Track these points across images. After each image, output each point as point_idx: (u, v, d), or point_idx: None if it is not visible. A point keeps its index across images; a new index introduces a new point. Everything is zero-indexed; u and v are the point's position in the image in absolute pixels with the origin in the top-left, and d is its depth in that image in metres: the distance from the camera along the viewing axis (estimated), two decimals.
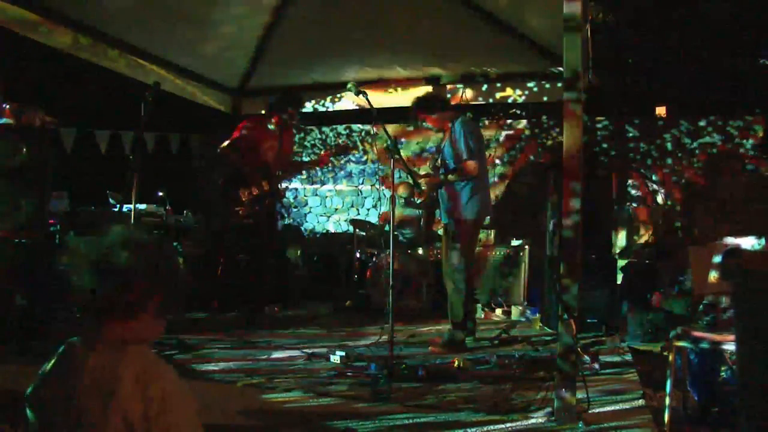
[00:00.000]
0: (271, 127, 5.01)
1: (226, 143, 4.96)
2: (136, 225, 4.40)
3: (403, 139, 7.54)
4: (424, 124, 4.58)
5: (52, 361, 1.40)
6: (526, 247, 5.99)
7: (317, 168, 7.76)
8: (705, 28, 8.04)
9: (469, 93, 6.30)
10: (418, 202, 5.13)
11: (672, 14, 8.19)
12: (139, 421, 1.27)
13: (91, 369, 1.31)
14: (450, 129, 4.40)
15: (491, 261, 6.03)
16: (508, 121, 7.50)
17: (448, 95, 6.21)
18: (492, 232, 6.47)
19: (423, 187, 4.38)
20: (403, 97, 6.23)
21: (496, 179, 7.30)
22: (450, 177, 4.33)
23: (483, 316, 5.62)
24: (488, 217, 4.81)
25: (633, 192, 6.85)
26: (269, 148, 4.95)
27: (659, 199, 6.74)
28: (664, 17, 8.26)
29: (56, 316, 4.09)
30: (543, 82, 6.10)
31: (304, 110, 6.22)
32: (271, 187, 4.92)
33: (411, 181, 4.51)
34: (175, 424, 1.31)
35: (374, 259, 5.93)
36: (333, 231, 8.00)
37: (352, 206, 7.99)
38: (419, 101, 4.57)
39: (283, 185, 7.31)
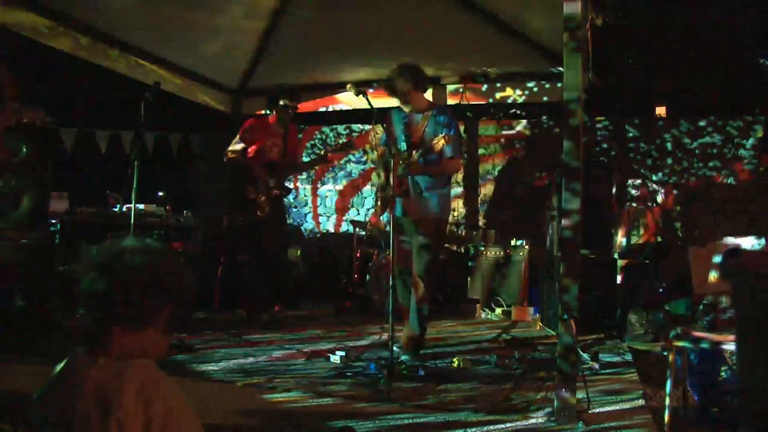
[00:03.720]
0: (272, 124, 5.01)
1: (230, 149, 4.96)
2: (151, 237, 4.35)
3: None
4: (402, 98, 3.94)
5: (57, 372, 1.36)
6: (526, 247, 5.99)
7: (327, 166, 7.72)
8: (705, 28, 8.04)
9: (469, 93, 6.30)
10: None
11: (672, 14, 8.19)
12: None
13: (93, 381, 1.27)
14: (432, 112, 3.93)
15: (491, 261, 6.03)
16: (508, 121, 7.51)
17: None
18: (492, 232, 6.46)
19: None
20: None
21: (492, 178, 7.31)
22: (431, 170, 3.89)
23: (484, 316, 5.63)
24: None
25: (633, 192, 6.85)
26: (273, 144, 4.95)
27: (659, 199, 6.74)
28: (664, 17, 8.26)
29: (56, 316, 4.08)
30: (543, 82, 6.11)
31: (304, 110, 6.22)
32: (278, 183, 4.93)
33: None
34: None
35: (374, 258, 5.93)
36: (333, 231, 8.01)
37: (352, 206, 7.99)
38: (414, 71, 3.94)
39: (290, 183, 7.32)
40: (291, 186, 7.79)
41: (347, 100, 6.94)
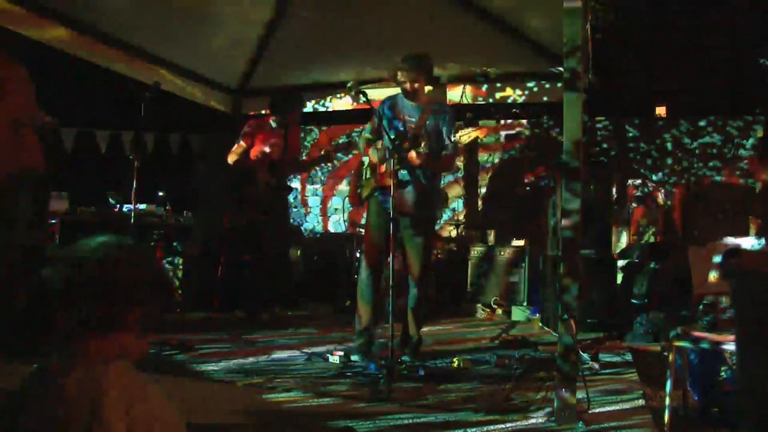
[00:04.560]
0: (273, 125, 5.01)
1: (232, 150, 4.96)
2: (122, 233, 4.31)
3: None
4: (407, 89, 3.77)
5: (23, 385, 1.32)
6: (526, 247, 5.99)
7: (324, 165, 7.71)
8: (705, 28, 8.04)
9: (469, 93, 6.30)
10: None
11: (672, 14, 8.20)
12: None
13: (70, 390, 1.22)
14: (433, 108, 3.82)
15: (490, 261, 6.03)
16: (508, 121, 7.51)
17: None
18: (492, 232, 6.46)
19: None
20: None
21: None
22: (435, 164, 3.75)
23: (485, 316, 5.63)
24: None
25: (633, 192, 6.85)
26: (274, 144, 4.94)
27: (659, 199, 6.74)
28: (664, 17, 8.27)
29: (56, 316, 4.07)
30: (543, 82, 6.11)
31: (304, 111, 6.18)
32: (278, 182, 4.90)
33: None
34: None
35: None
36: (333, 231, 8.00)
37: (352, 206, 7.98)
38: (426, 61, 3.82)
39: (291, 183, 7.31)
40: (293, 186, 7.80)
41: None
